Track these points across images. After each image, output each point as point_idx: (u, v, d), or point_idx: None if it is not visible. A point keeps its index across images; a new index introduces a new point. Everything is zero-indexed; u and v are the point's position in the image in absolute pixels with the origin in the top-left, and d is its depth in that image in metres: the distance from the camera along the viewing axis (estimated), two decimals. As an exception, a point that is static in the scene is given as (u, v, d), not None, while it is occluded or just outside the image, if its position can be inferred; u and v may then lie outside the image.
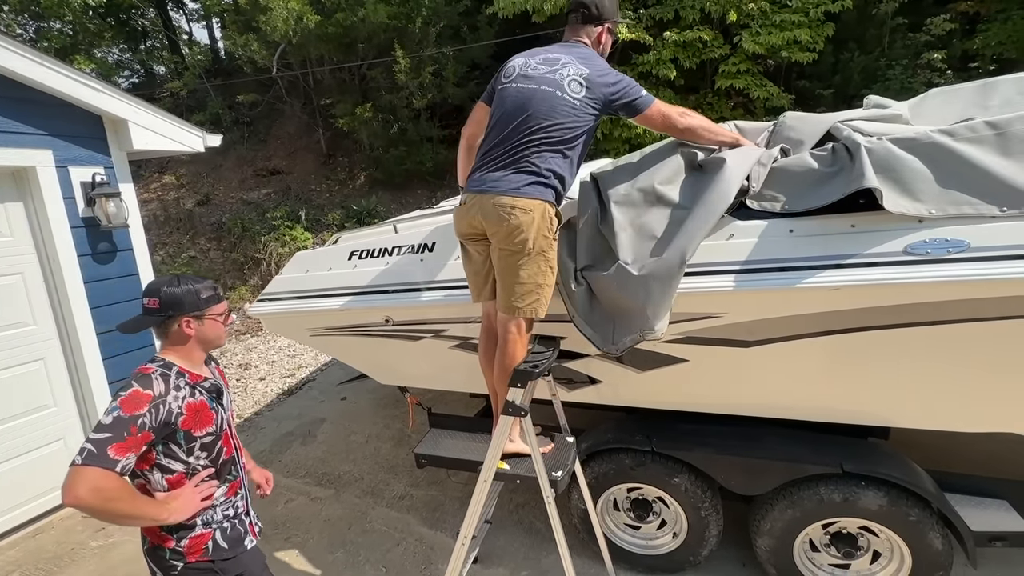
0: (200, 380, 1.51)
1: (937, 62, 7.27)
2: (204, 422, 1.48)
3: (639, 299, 1.75)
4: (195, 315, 1.51)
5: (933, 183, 1.63)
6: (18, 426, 3.09)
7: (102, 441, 1.27)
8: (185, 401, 1.44)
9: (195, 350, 1.54)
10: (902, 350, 1.77)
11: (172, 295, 1.48)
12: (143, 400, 1.35)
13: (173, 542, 1.46)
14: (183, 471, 1.46)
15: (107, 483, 1.26)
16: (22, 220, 3.07)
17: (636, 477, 2.31)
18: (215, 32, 14.36)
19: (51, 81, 2.95)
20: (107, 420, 1.30)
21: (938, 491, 1.96)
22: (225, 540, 1.53)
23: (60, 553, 2.92)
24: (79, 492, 1.24)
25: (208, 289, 1.56)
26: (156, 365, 1.46)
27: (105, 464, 1.26)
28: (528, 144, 1.80)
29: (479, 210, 1.82)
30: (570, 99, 1.82)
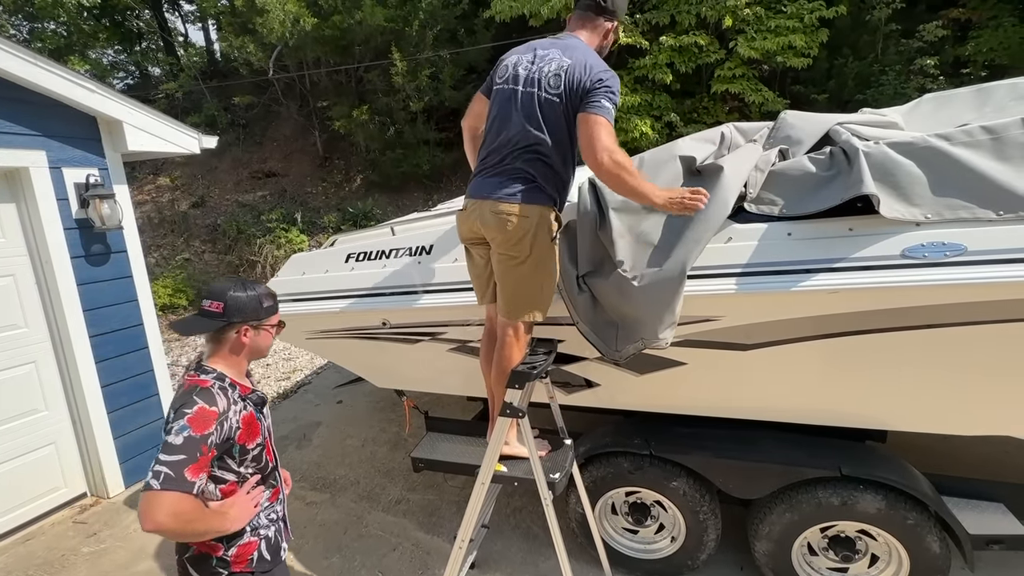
0: (249, 392, 1.49)
1: (930, 68, 7.34)
2: (254, 434, 1.47)
3: (641, 309, 1.75)
4: (254, 324, 1.47)
5: (929, 188, 1.64)
6: (9, 430, 3.05)
7: (178, 464, 1.24)
8: (241, 415, 1.42)
9: (244, 360, 1.50)
10: (899, 353, 1.77)
11: (237, 301, 1.44)
12: (211, 418, 1.32)
13: (222, 550, 1.44)
14: (235, 480, 1.45)
15: (185, 506, 1.25)
16: (14, 221, 3.04)
17: (634, 481, 2.30)
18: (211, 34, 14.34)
19: (45, 81, 2.93)
20: (178, 440, 1.26)
21: (935, 494, 1.96)
22: (268, 551, 1.52)
23: (51, 559, 2.88)
24: (159, 518, 1.21)
25: (269, 297, 1.52)
26: (211, 378, 1.41)
27: (183, 488, 1.24)
28: (519, 151, 1.77)
29: (478, 216, 1.82)
30: (549, 97, 1.75)
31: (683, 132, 7.67)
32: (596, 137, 1.67)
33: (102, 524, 3.16)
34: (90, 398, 3.28)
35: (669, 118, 7.80)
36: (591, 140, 1.68)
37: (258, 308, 1.47)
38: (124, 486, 3.48)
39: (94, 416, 3.31)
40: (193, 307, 7.91)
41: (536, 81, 1.79)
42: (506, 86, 1.84)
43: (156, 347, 3.66)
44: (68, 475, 3.34)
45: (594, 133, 1.67)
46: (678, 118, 7.80)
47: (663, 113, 7.84)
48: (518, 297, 1.82)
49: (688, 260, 1.72)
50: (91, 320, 3.26)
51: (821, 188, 1.77)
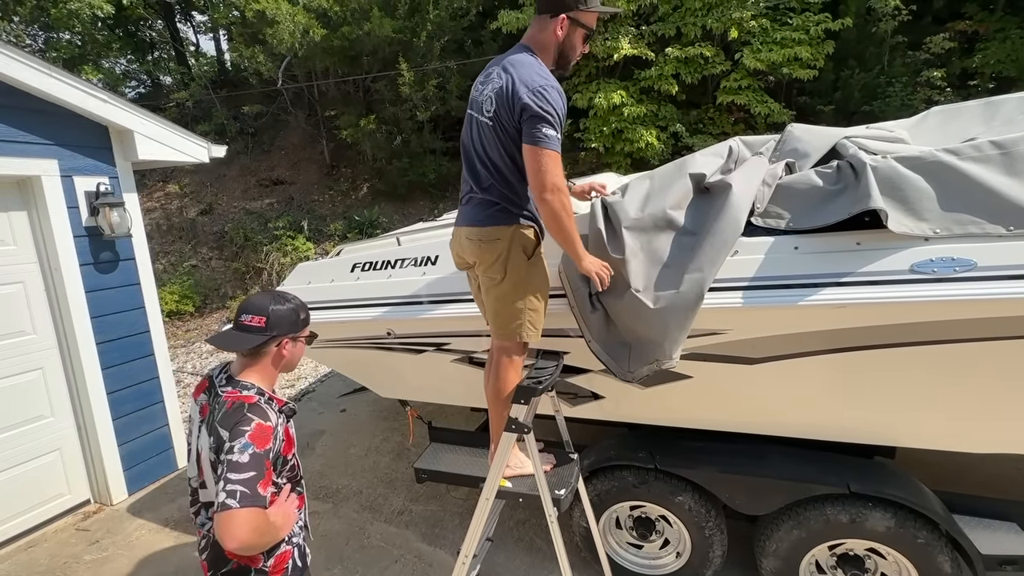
0: (283, 404, 1.49)
1: (937, 80, 7.34)
2: (291, 445, 1.48)
3: (655, 331, 1.73)
4: (293, 337, 1.48)
5: (938, 202, 1.63)
6: (15, 436, 3.07)
7: (250, 480, 1.25)
8: (283, 427, 1.43)
9: (276, 373, 1.51)
10: (908, 369, 1.75)
11: (279, 314, 1.44)
12: (268, 433, 1.33)
13: (261, 561, 1.43)
14: (275, 491, 1.45)
15: (261, 520, 1.26)
16: (25, 229, 3.08)
17: (639, 495, 2.28)
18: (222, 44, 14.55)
19: (59, 92, 2.98)
20: (244, 459, 1.26)
21: (946, 513, 1.93)
22: (299, 558, 1.53)
23: (53, 567, 2.87)
24: (241, 535, 1.22)
25: (303, 309, 1.52)
26: (255, 393, 1.41)
27: (258, 503, 1.25)
28: (482, 176, 1.76)
29: (458, 243, 1.88)
30: (486, 121, 1.69)
31: (688, 142, 7.69)
32: (542, 171, 1.60)
33: (104, 532, 3.16)
34: (95, 405, 3.30)
35: (675, 128, 7.83)
36: (536, 174, 1.62)
37: (296, 320, 1.49)
38: (127, 493, 3.48)
39: (99, 423, 3.32)
40: (199, 313, 7.96)
41: (479, 105, 1.74)
42: (469, 112, 1.83)
43: (162, 354, 3.68)
44: (72, 482, 3.34)
45: (539, 167, 1.60)
46: (684, 129, 7.83)
47: (669, 124, 7.87)
48: (501, 317, 1.81)
49: (705, 283, 1.70)
50: (98, 327, 3.29)
51: (828, 202, 1.76)
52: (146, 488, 3.58)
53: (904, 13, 7.59)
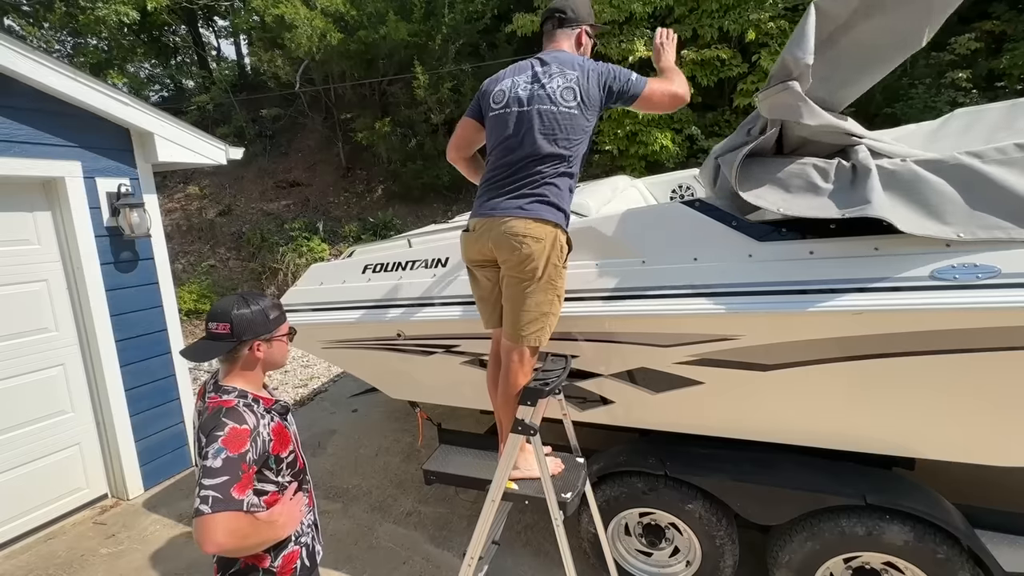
0: (272, 403, 1.50)
1: (962, 81, 7.15)
2: (285, 443, 1.48)
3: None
4: (265, 338, 1.46)
5: (962, 206, 1.58)
6: (36, 430, 3.14)
7: (222, 485, 1.25)
8: (270, 427, 1.43)
9: (260, 374, 1.50)
10: (929, 378, 1.70)
11: (243, 318, 1.42)
12: (243, 436, 1.33)
13: (269, 561, 1.44)
14: (276, 490, 1.46)
15: (239, 523, 1.27)
16: (49, 229, 3.16)
17: (648, 502, 2.24)
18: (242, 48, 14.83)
19: (83, 95, 3.06)
20: (217, 463, 1.27)
21: (968, 527, 1.86)
22: (308, 557, 1.53)
23: (70, 559, 2.94)
24: (218, 539, 1.23)
25: (274, 308, 1.49)
26: (234, 396, 1.41)
27: (233, 507, 1.25)
28: (535, 171, 1.79)
29: (489, 237, 1.81)
30: (567, 110, 1.81)
31: (704, 145, 7.61)
32: (671, 94, 1.91)
33: (121, 526, 3.22)
34: (114, 401, 3.37)
35: (690, 131, 7.76)
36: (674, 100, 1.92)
37: (266, 321, 1.46)
38: (143, 488, 3.55)
39: (117, 419, 3.39)
40: (216, 313, 8.10)
41: (548, 98, 1.82)
42: (510, 109, 1.86)
43: (178, 352, 3.75)
44: (91, 476, 3.42)
45: (669, 98, 1.92)
46: (699, 131, 7.75)
47: (684, 126, 7.80)
48: (524, 320, 1.79)
49: None
50: (118, 325, 3.36)
51: (813, 196, 1.70)
52: (161, 484, 3.64)
53: (928, 13, 7.41)
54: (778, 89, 1.70)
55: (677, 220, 1.97)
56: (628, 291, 1.97)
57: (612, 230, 2.06)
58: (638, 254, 2.00)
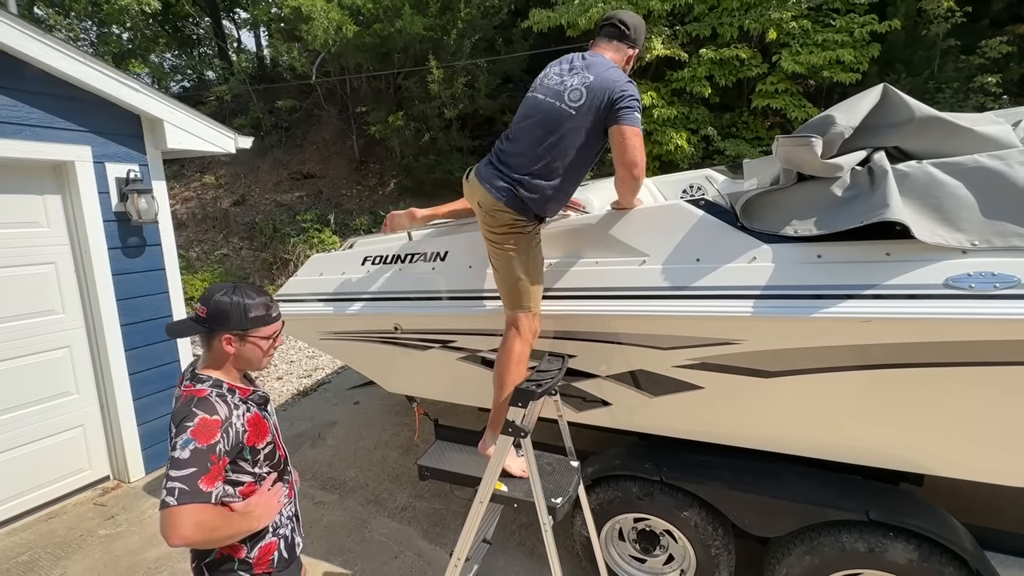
0: (249, 393, 1.48)
1: (991, 86, 6.91)
2: (262, 434, 1.45)
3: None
4: (237, 333, 1.42)
5: (978, 211, 1.50)
6: (41, 410, 3.19)
7: (190, 477, 1.23)
8: (245, 418, 1.41)
9: (232, 369, 1.46)
10: (940, 391, 1.62)
11: (219, 306, 1.39)
12: (213, 427, 1.30)
13: (244, 552, 1.43)
14: (252, 481, 1.44)
15: (206, 516, 1.25)
16: (59, 212, 3.20)
17: (643, 507, 2.19)
18: (261, 40, 14.96)
19: (93, 80, 3.08)
20: (185, 455, 1.25)
21: (977, 549, 1.78)
22: (286, 549, 1.52)
23: (69, 539, 2.97)
24: (184, 532, 1.21)
25: (259, 307, 1.43)
26: (208, 386, 1.39)
27: (200, 499, 1.24)
28: (527, 157, 1.90)
29: (472, 196, 2.02)
30: (567, 110, 1.86)
31: (720, 146, 7.48)
32: (631, 147, 1.84)
33: (120, 508, 3.26)
34: (118, 384, 3.40)
35: (706, 132, 7.62)
36: (626, 150, 1.84)
37: (241, 317, 1.40)
38: (144, 472, 3.58)
39: (121, 402, 3.42)
40: (227, 301, 8.19)
41: (557, 93, 1.90)
42: (534, 94, 1.97)
43: (183, 339, 3.77)
44: (93, 458, 3.46)
45: (628, 143, 1.83)
46: (715, 132, 7.61)
47: (700, 127, 7.67)
48: (503, 288, 1.99)
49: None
50: (123, 309, 3.39)
51: (837, 209, 1.64)
52: (162, 468, 3.66)
53: (958, 15, 7.18)
54: (801, 142, 1.66)
55: (680, 219, 1.91)
56: (627, 290, 1.92)
57: (614, 228, 2.01)
58: (639, 253, 1.95)
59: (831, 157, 1.68)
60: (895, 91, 1.75)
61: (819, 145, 1.64)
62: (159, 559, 2.78)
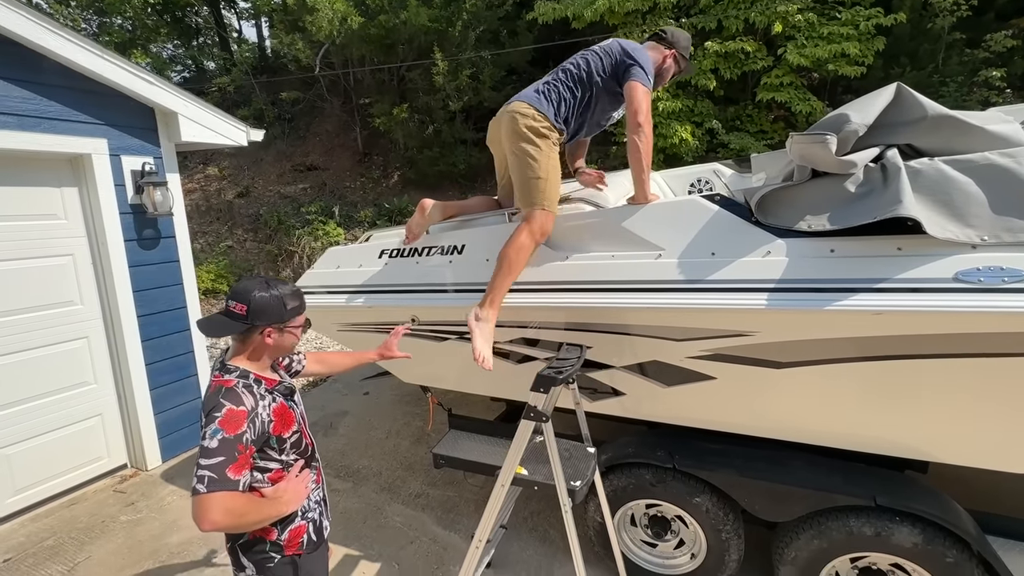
0: (276, 384, 1.53)
1: (996, 80, 6.92)
2: (288, 423, 1.50)
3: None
4: (278, 326, 1.47)
5: (988, 208, 1.55)
6: (60, 400, 3.25)
7: (218, 465, 1.29)
8: (271, 408, 1.45)
9: (267, 358, 1.53)
10: (947, 382, 1.68)
11: (261, 303, 1.44)
12: (240, 417, 1.35)
13: (276, 534, 1.49)
14: (280, 467, 1.50)
15: (235, 503, 1.30)
16: (76, 204, 3.24)
17: (656, 494, 2.26)
18: (263, 30, 14.86)
19: (110, 73, 3.11)
20: (213, 444, 1.30)
21: (979, 533, 1.85)
22: (315, 532, 1.58)
23: (91, 524, 3.04)
24: (214, 517, 1.26)
25: (294, 298, 1.50)
26: (235, 376, 1.43)
27: (228, 487, 1.29)
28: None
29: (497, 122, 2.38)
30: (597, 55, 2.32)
31: (724, 140, 7.49)
32: (643, 106, 2.14)
33: (139, 495, 3.33)
34: (135, 374, 3.46)
35: (710, 125, 7.63)
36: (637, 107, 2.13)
37: (282, 310, 1.47)
38: (161, 460, 3.65)
39: (138, 392, 3.49)
40: (233, 293, 8.24)
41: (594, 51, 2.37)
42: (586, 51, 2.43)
43: (196, 329, 3.83)
44: (111, 446, 3.53)
45: (640, 103, 2.14)
46: (720, 125, 7.63)
47: (704, 120, 7.68)
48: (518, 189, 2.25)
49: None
50: (140, 301, 3.44)
51: (852, 205, 1.69)
52: (178, 457, 3.74)
53: (964, 8, 7.17)
54: (816, 139, 1.70)
55: (696, 214, 1.95)
56: (644, 283, 1.96)
57: (630, 222, 2.06)
58: (656, 247, 1.99)
59: (845, 154, 1.73)
60: (908, 90, 1.79)
61: (834, 142, 1.69)
62: (181, 544, 2.85)
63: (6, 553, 2.81)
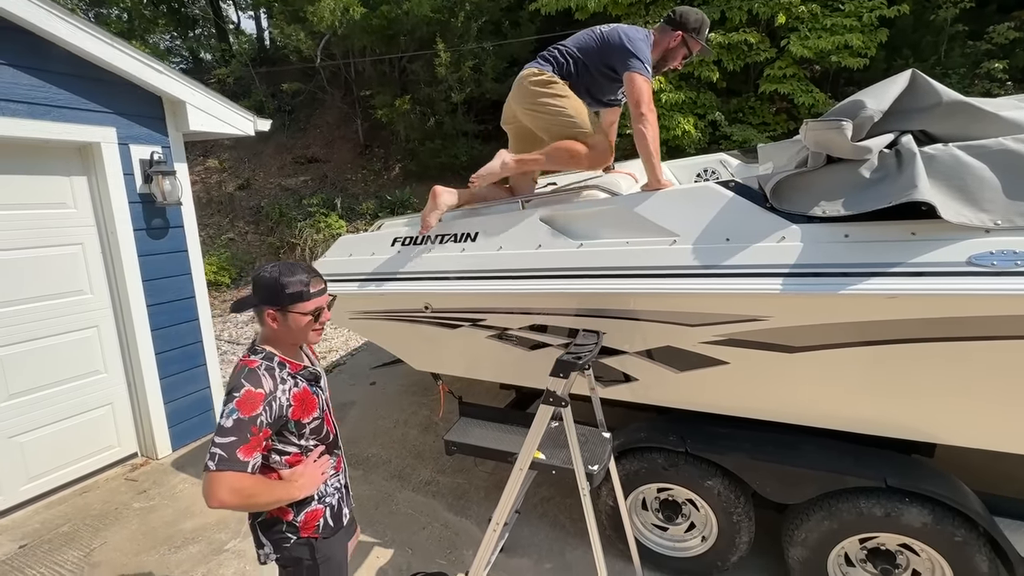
0: (300, 369, 1.53)
1: (997, 72, 6.94)
2: (309, 409, 1.51)
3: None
4: (277, 308, 1.46)
5: (1002, 192, 1.57)
6: (71, 389, 3.26)
7: (230, 445, 1.31)
8: (291, 392, 1.46)
9: (284, 342, 1.51)
10: (959, 364, 1.71)
11: (259, 282, 1.45)
12: (258, 399, 1.36)
13: (292, 515, 1.51)
14: (298, 452, 1.52)
15: (243, 483, 1.32)
16: (85, 193, 3.24)
17: (668, 477, 2.29)
18: (262, 22, 14.74)
19: (119, 61, 3.09)
20: (228, 423, 1.32)
21: (987, 513, 1.89)
22: (332, 517, 1.59)
23: (105, 511, 3.07)
24: (221, 496, 1.29)
25: (296, 284, 1.44)
26: (259, 358, 1.45)
27: (237, 467, 1.31)
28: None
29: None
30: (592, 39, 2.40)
31: (727, 132, 7.50)
32: (644, 96, 2.20)
33: (151, 483, 3.35)
34: (145, 364, 3.48)
35: (713, 117, 7.64)
36: (638, 98, 2.19)
37: (278, 293, 1.43)
38: (171, 449, 3.67)
39: (148, 381, 3.50)
40: (235, 285, 8.24)
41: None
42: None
43: (205, 319, 3.84)
44: (122, 435, 3.55)
45: (640, 93, 2.20)
46: (722, 117, 7.63)
47: (707, 112, 7.68)
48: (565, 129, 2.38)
49: None
50: (149, 290, 3.45)
51: (866, 190, 1.71)
52: (188, 446, 3.77)
53: (966, 1, 7.18)
54: (832, 125, 1.72)
55: (711, 201, 1.97)
56: (659, 269, 1.98)
57: (644, 209, 2.08)
58: (670, 233, 2.01)
59: (860, 140, 1.75)
60: (923, 76, 1.81)
61: (849, 128, 1.71)
62: (195, 530, 2.88)
63: (22, 539, 2.84)
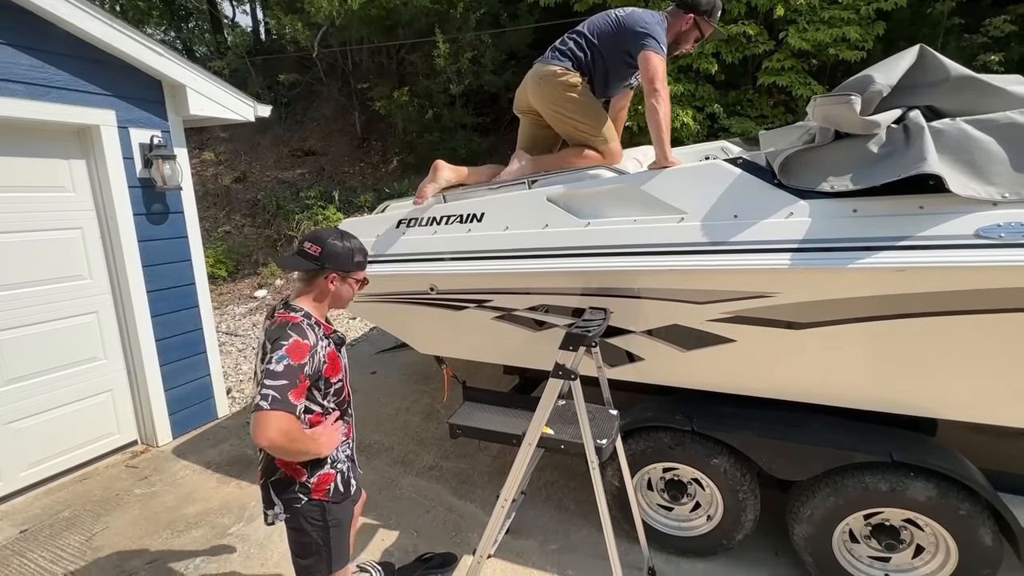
0: (331, 332, 1.61)
1: (993, 64, 6.99)
2: (336, 370, 1.59)
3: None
4: (342, 274, 1.59)
5: (1009, 166, 1.59)
6: (71, 375, 3.24)
7: (282, 387, 1.35)
8: (326, 351, 1.54)
9: (325, 306, 1.63)
10: (968, 337, 1.72)
11: (333, 248, 1.57)
12: (305, 349, 1.43)
13: (305, 476, 1.56)
14: (320, 412, 1.57)
15: (291, 425, 1.37)
16: (84, 177, 3.20)
17: (674, 457, 2.30)
18: (257, 11, 14.61)
19: (119, 43, 3.06)
20: (279, 368, 1.37)
21: (990, 486, 1.91)
22: (341, 484, 1.64)
23: (106, 497, 3.05)
24: (271, 435, 1.32)
25: (360, 253, 1.65)
26: (300, 315, 1.53)
27: (288, 408, 1.35)
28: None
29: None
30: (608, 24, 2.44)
31: (725, 124, 7.51)
32: (658, 74, 2.25)
33: (152, 470, 3.33)
34: (145, 350, 3.45)
35: (712, 109, 7.64)
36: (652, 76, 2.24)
37: (349, 260, 1.59)
38: (172, 437, 3.65)
39: (148, 368, 3.48)
40: (232, 278, 8.18)
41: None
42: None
43: (205, 307, 3.82)
44: (122, 422, 3.52)
45: (654, 72, 2.24)
46: (721, 110, 7.64)
47: (706, 104, 7.68)
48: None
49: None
50: (149, 276, 3.42)
51: (875, 165, 1.72)
52: (188, 433, 3.75)
53: (963, -7, 7.22)
54: (840, 100, 1.73)
55: (719, 177, 1.98)
56: (666, 247, 1.99)
57: (652, 186, 2.08)
58: (677, 211, 2.02)
59: (869, 115, 1.76)
60: (931, 51, 1.82)
61: (858, 103, 1.72)
62: (198, 515, 2.87)
63: (23, 524, 2.82)
